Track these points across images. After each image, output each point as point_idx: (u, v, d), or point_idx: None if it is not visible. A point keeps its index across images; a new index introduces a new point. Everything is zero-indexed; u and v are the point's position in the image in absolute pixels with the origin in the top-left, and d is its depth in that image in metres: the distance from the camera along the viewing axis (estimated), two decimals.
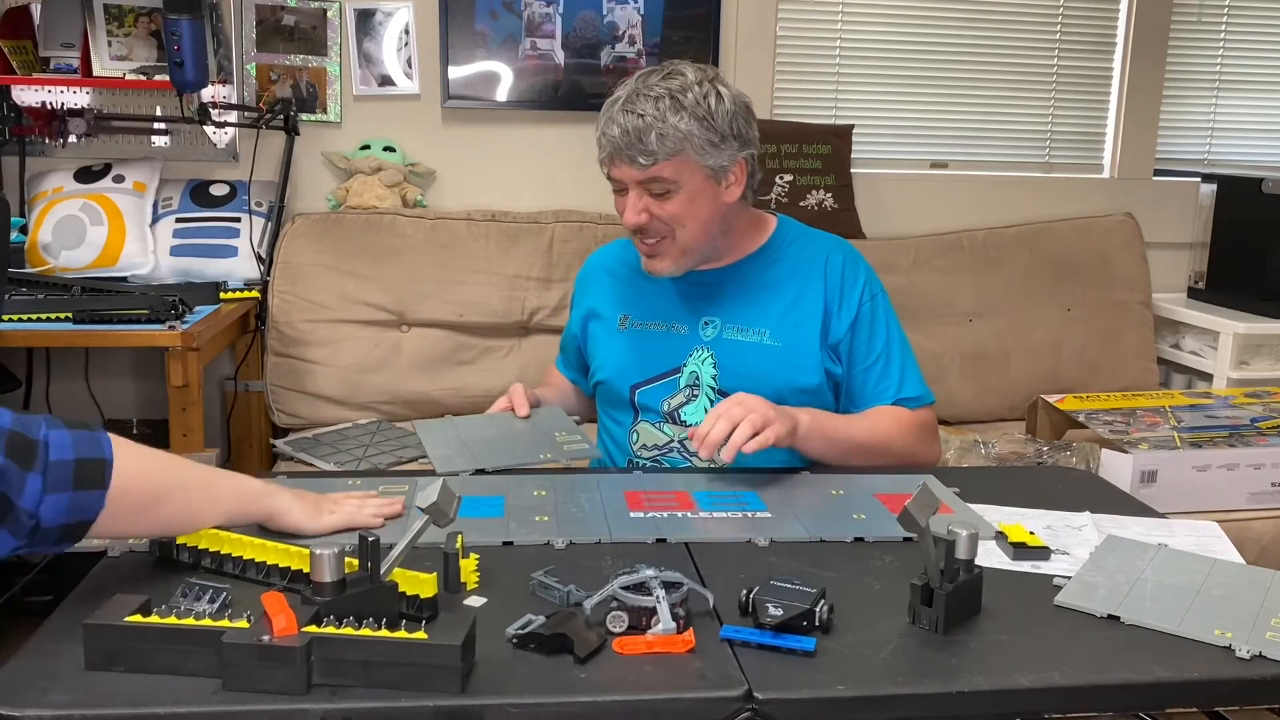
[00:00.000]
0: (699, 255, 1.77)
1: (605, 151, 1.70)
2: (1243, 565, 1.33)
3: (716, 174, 1.71)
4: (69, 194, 2.83)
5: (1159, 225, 3.48)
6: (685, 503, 1.48)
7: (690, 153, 1.67)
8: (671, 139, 1.65)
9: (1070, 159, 3.56)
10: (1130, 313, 3.34)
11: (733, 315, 1.80)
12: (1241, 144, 3.71)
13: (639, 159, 1.66)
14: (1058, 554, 1.34)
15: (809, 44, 3.34)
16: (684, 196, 1.70)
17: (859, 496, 1.53)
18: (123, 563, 1.24)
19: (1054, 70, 3.49)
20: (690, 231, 1.73)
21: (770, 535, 1.36)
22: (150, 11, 2.90)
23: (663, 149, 1.65)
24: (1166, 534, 1.43)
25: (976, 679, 1.03)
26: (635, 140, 1.65)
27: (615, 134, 1.66)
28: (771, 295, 1.81)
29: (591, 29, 3.12)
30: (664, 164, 1.66)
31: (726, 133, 1.69)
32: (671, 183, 1.68)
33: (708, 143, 1.68)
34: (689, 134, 1.66)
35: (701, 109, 1.67)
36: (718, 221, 1.76)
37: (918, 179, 3.44)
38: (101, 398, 3.05)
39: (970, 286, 3.24)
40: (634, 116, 1.66)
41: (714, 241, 1.78)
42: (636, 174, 1.68)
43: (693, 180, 1.69)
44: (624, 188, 1.72)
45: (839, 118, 3.36)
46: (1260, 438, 2.55)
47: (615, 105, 1.69)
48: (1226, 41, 3.62)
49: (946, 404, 3.06)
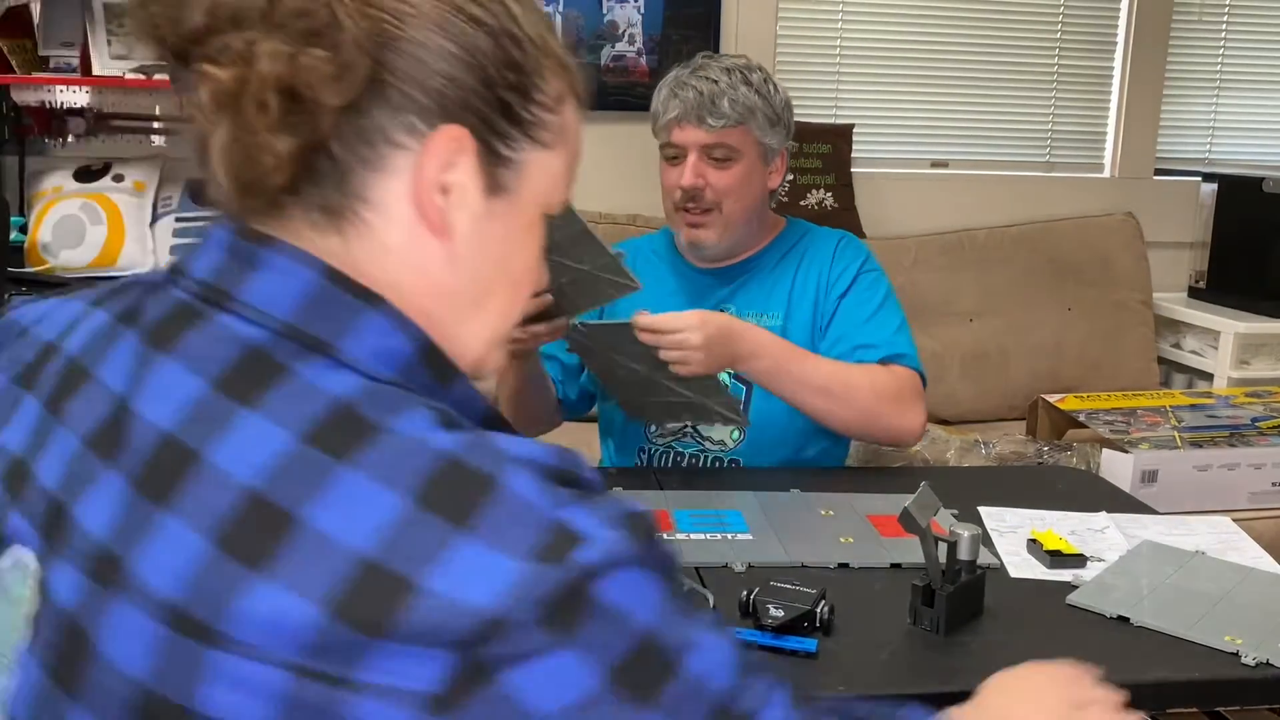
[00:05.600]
0: (738, 235, 1.80)
1: (674, 113, 1.73)
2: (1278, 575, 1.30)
3: (767, 155, 1.78)
4: (68, 193, 2.83)
5: (1160, 225, 3.48)
6: (664, 523, 1.43)
7: (753, 126, 1.74)
8: (741, 106, 1.72)
9: (1071, 158, 3.56)
10: (1131, 312, 3.34)
11: (748, 302, 1.82)
12: (1242, 143, 3.71)
13: (709, 120, 1.71)
14: (1093, 561, 1.32)
15: (809, 43, 3.33)
16: (740, 169, 1.75)
17: (850, 518, 1.46)
18: None
19: (1054, 69, 3.49)
20: (737, 207, 1.77)
21: (748, 559, 1.31)
22: None
23: (733, 113, 1.71)
24: (1187, 533, 1.42)
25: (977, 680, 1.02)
26: (709, 102, 1.71)
27: (689, 96, 1.72)
28: (782, 281, 1.83)
29: (591, 28, 3.12)
30: (731, 130, 1.72)
31: (780, 118, 1.77)
32: (734, 150, 1.74)
33: (767, 120, 1.75)
34: (755, 106, 1.73)
35: (765, 89, 1.76)
36: (758, 204, 1.81)
37: (918, 178, 3.44)
38: None
39: (971, 286, 3.23)
40: (708, 82, 1.72)
41: (751, 225, 1.82)
42: (704, 136, 1.72)
43: (750, 154, 1.75)
44: (681, 154, 1.75)
45: (839, 117, 3.36)
46: (1261, 437, 2.55)
47: (685, 71, 1.76)
48: (1227, 40, 3.62)
49: (947, 404, 3.06)
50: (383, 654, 0.50)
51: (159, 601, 0.52)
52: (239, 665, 0.51)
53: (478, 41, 0.63)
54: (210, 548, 0.52)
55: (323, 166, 0.61)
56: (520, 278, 0.70)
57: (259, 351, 0.58)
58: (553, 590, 0.51)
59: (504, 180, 0.66)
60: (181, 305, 0.62)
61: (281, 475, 0.53)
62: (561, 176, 0.70)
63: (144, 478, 0.56)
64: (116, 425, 0.58)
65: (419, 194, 0.63)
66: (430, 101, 0.62)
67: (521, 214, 0.68)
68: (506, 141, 0.65)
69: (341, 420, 0.55)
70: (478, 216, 0.65)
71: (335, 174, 0.61)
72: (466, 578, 0.51)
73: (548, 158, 0.68)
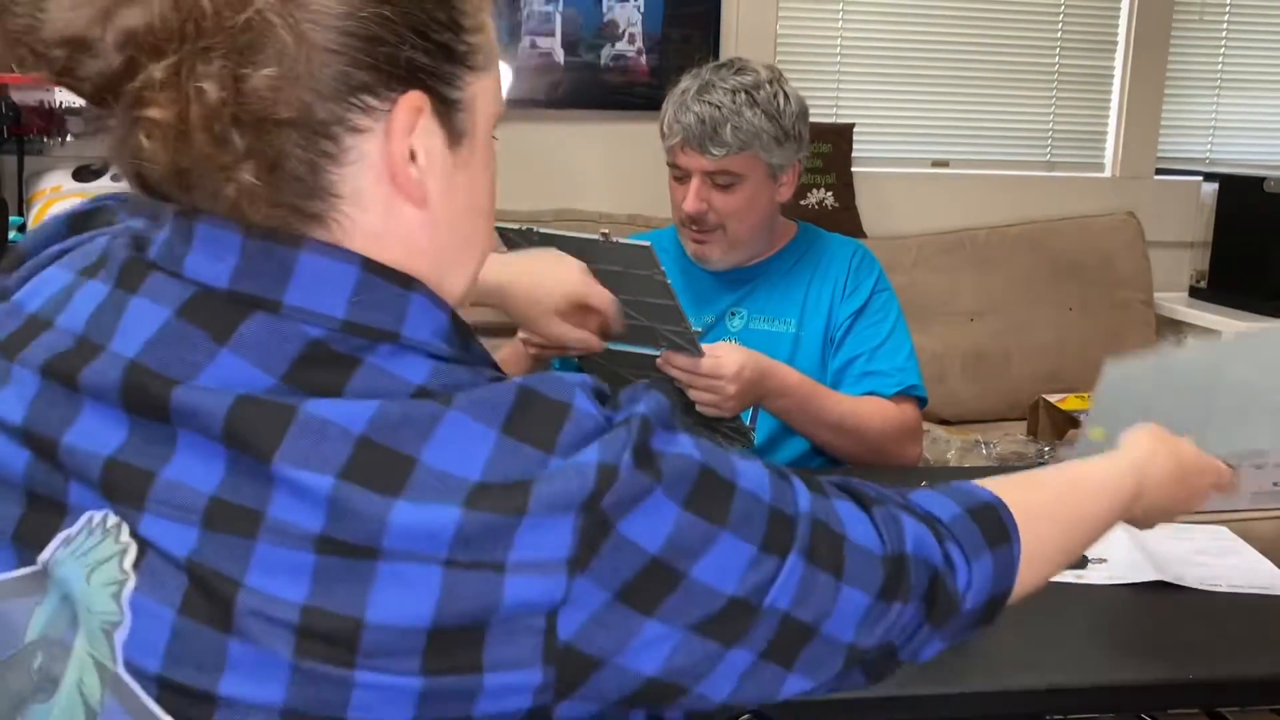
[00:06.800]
0: (747, 250, 1.81)
1: (676, 138, 1.72)
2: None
3: (775, 172, 1.75)
4: (67, 193, 2.82)
5: (1161, 224, 3.47)
6: None
7: (759, 149, 1.71)
8: (744, 133, 1.68)
9: (1072, 158, 3.56)
10: (1132, 312, 3.33)
11: (758, 308, 1.82)
12: (1243, 143, 3.70)
13: (711, 149, 1.69)
14: (1094, 561, 1.32)
15: (809, 43, 3.33)
16: (745, 191, 1.73)
17: None
18: None
19: (1055, 69, 3.48)
20: (744, 226, 1.76)
21: None
22: None
23: (735, 141, 1.68)
24: (1185, 538, 1.42)
25: (977, 680, 1.02)
26: (710, 131, 1.68)
27: (690, 121, 1.69)
28: (795, 289, 1.83)
29: (591, 27, 3.12)
30: (734, 157, 1.70)
31: (790, 133, 1.73)
32: (737, 176, 1.72)
33: (774, 140, 1.71)
34: (760, 130, 1.69)
35: (772, 107, 1.71)
36: (766, 220, 1.80)
37: (919, 178, 3.43)
38: None
39: (971, 286, 3.23)
40: (710, 107, 1.68)
41: (759, 237, 1.81)
42: (706, 164, 1.71)
43: (755, 176, 1.73)
44: (686, 175, 1.74)
45: (840, 116, 3.35)
46: None
47: (689, 94, 1.72)
48: (1228, 40, 3.61)
49: (947, 404, 3.05)
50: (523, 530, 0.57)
51: (303, 534, 0.56)
52: (400, 570, 0.56)
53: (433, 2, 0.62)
54: (343, 484, 0.57)
55: (289, 172, 0.59)
56: (489, 205, 0.72)
57: (323, 345, 0.60)
58: (635, 445, 0.60)
59: (460, 125, 0.66)
60: (208, 302, 0.60)
61: (386, 425, 0.58)
62: (498, 89, 0.70)
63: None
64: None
65: (394, 173, 0.62)
66: (380, 74, 0.60)
67: (479, 150, 0.68)
68: (453, 83, 0.64)
69: (373, 441, 0.58)
70: (447, 172, 0.65)
71: (304, 178, 0.60)
72: (580, 450, 0.59)
73: (486, 80, 0.67)
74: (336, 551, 0.56)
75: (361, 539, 0.56)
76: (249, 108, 0.56)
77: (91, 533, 0.60)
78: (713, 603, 0.62)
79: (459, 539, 0.56)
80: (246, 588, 0.56)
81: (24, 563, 0.63)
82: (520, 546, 0.57)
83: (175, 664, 0.57)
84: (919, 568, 0.72)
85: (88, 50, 0.57)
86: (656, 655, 0.61)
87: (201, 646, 0.57)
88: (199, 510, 0.58)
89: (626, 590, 0.60)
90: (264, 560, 0.56)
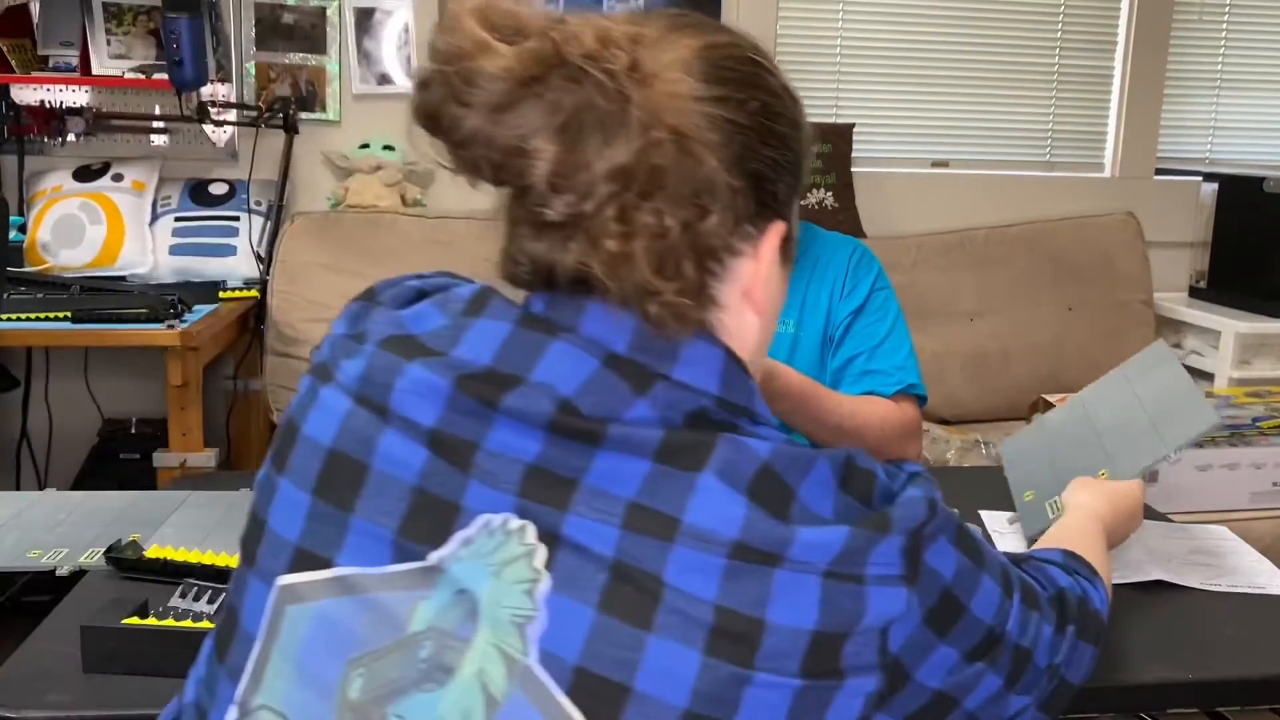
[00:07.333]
0: None
1: None
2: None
3: None
4: (68, 193, 2.83)
5: (1160, 224, 3.48)
6: None
7: None
8: None
9: (1071, 158, 3.56)
10: (1132, 312, 3.34)
11: None
12: (1243, 143, 3.71)
13: None
14: None
15: (809, 43, 3.33)
16: None
17: None
18: None
19: (1055, 69, 3.48)
20: None
21: None
22: (149, 10, 2.90)
23: None
24: (1185, 538, 1.43)
25: None
26: None
27: None
28: (793, 287, 1.82)
29: None
30: None
31: None
32: None
33: None
34: None
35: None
36: None
37: (918, 178, 3.44)
38: (100, 397, 3.05)
39: (971, 285, 3.23)
40: None
41: None
42: None
43: None
44: None
45: (840, 116, 3.35)
46: (1262, 437, 2.55)
47: None
48: (1228, 40, 3.61)
49: (947, 403, 3.05)
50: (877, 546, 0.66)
51: (720, 540, 0.63)
52: (796, 578, 0.63)
53: (796, 142, 0.76)
54: (750, 502, 0.65)
55: (691, 285, 0.68)
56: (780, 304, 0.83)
57: (704, 413, 0.69)
58: (936, 500, 0.70)
59: (789, 247, 0.78)
60: (621, 363, 0.68)
61: (782, 458, 0.67)
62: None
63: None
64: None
65: (753, 288, 0.74)
66: (763, 205, 0.73)
67: (785, 262, 0.79)
68: (792, 208, 0.77)
69: (770, 474, 0.66)
70: (773, 283, 0.77)
71: (697, 290, 0.69)
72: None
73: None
74: (745, 558, 0.62)
75: (770, 546, 0.63)
76: (699, 244, 0.67)
77: (492, 534, 0.65)
78: (979, 632, 0.73)
79: (843, 553, 0.64)
80: (669, 586, 0.62)
81: (404, 557, 0.66)
82: (873, 563, 0.65)
83: (594, 657, 0.61)
84: (1071, 599, 0.87)
85: (568, 187, 0.67)
86: (940, 675, 0.71)
87: (621, 641, 0.61)
88: (618, 514, 0.64)
89: (930, 613, 0.69)
90: (680, 561, 0.62)
